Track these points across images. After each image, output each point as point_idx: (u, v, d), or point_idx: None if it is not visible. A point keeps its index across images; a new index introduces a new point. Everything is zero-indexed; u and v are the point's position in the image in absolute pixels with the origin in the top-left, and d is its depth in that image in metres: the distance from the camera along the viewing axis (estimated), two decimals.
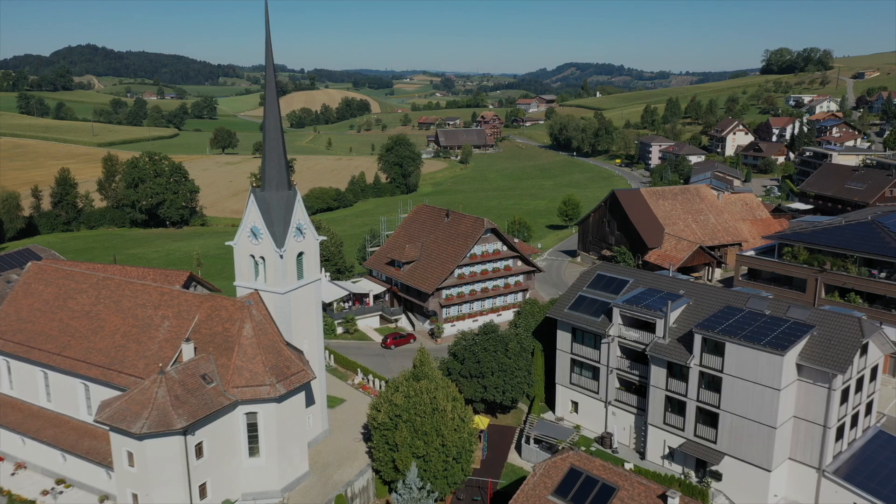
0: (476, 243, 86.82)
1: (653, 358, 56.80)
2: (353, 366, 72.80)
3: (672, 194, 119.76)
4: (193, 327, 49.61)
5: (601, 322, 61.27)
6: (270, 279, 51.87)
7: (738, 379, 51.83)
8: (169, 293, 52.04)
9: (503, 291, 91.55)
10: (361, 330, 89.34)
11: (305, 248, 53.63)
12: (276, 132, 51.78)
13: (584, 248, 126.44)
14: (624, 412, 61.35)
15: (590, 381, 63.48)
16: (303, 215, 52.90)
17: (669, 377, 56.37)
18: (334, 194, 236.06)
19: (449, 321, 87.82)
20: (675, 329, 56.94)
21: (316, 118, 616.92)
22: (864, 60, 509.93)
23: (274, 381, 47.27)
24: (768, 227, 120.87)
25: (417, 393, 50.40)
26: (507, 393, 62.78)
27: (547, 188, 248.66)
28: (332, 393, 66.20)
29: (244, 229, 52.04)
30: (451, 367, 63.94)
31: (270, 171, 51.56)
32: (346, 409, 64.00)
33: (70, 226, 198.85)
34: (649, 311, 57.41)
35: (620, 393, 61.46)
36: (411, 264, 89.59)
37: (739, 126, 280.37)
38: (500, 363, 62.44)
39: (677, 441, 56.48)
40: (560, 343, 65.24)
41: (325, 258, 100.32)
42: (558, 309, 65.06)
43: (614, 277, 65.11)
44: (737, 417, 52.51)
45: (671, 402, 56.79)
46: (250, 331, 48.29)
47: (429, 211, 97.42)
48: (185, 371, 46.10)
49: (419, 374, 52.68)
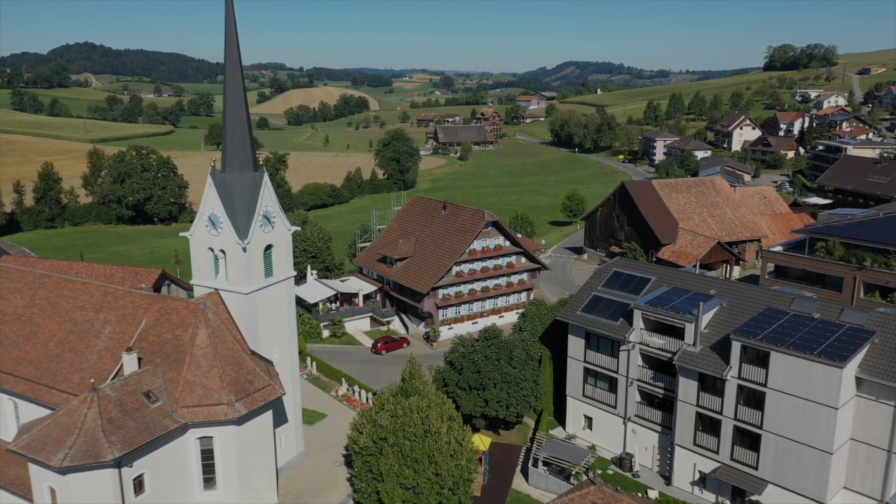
0: (476, 238, 78.83)
1: (681, 368, 48.86)
2: (339, 374, 64.88)
3: (686, 187, 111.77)
4: (139, 334, 41.70)
5: (620, 326, 53.33)
6: (232, 277, 43.86)
7: (786, 394, 43.89)
8: (113, 293, 44.07)
9: (505, 291, 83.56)
10: (350, 333, 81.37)
11: (275, 241, 45.66)
12: (239, 102, 43.78)
13: (591, 244, 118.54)
14: (646, 430, 53.36)
15: (606, 393, 55.52)
16: (271, 201, 44.91)
17: (701, 391, 48.40)
18: (329, 190, 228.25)
19: (446, 324, 79.91)
20: (707, 335, 49.02)
21: (314, 115, 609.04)
22: (867, 57, 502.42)
23: (232, 400, 39.29)
24: (788, 222, 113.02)
25: (406, 412, 42.42)
26: (511, 408, 54.77)
27: (548, 184, 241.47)
28: (311, 406, 58.31)
29: (201, 217, 44.06)
30: (448, 377, 55.96)
31: (232, 148, 43.57)
32: (328, 426, 56.05)
33: (54, 222, 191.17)
34: (677, 313, 49.44)
35: (642, 408, 53.48)
36: (405, 261, 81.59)
37: (746, 121, 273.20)
38: (503, 373, 54.48)
39: (710, 465, 48.54)
40: (572, 350, 57.30)
41: (312, 255, 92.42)
42: (570, 311, 57.09)
43: (633, 275, 57.12)
44: (783, 440, 44.57)
45: (703, 419, 48.84)
46: (205, 338, 40.32)
47: (424, 203, 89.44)
48: (123, 388, 38.14)
49: (408, 388, 44.64)
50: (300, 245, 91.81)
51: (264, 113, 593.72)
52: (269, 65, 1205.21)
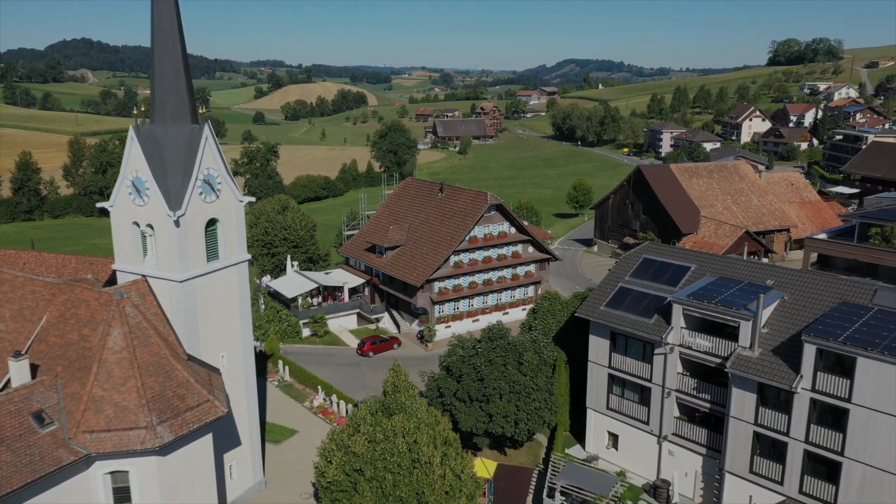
0: (477, 223, 69.04)
1: (735, 377, 39.05)
2: (315, 381, 55.00)
3: (707, 172, 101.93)
4: (38, 333, 31.86)
5: (654, 324, 43.52)
6: (163, 259, 33.94)
7: (876, 412, 34.14)
8: (11, 280, 34.22)
9: (511, 284, 73.74)
10: (333, 332, 71.52)
11: (221, 214, 35.75)
12: (172, 29, 33.77)
13: (602, 235, 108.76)
14: (686, 452, 43.55)
15: (636, 405, 45.73)
16: (215, 162, 34.97)
17: (761, 405, 38.58)
18: (323, 182, 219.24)
19: (443, 321, 70.12)
20: (767, 336, 39.24)
21: (311, 111, 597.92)
22: (873, 52, 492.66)
23: (154, 422, 29.47)
24: (818, 210, 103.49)
25: (388, 436, 32.57)
26: (521, 424, 44.90)
27: (551, 177, 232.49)
28: (280, 420, 48.55)
29: (123, 182, 34.11)
30: (444, 386, 46.10)
31: (163, 91, 33.62)
32: (297, 446, 46.22)
33: (32, 214, 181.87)
34: (729, 308, 39.59)
35: (682, 424, 43.70)
36: (396, 250, 71.77)
37: (756, 112, 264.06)
38: (511, 382, 44.67)
39: (772, 498, 38.70)
40: (594, 353, 47.50)
41: (294, 244, 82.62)
42: (592, 306, 47.23)
43: (669, 263, 47.27)
44: (872, 470, 34.77)
45: (762, 441, 39.04)
46: (120, 340, 30.48)
47: (418, 186, 79.56)
48: (5, 406, 28.33)
49: (391, 404, 34.70)
50: (280, 233, 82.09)
51: (261, 108, 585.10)
52: (268, 62, 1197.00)
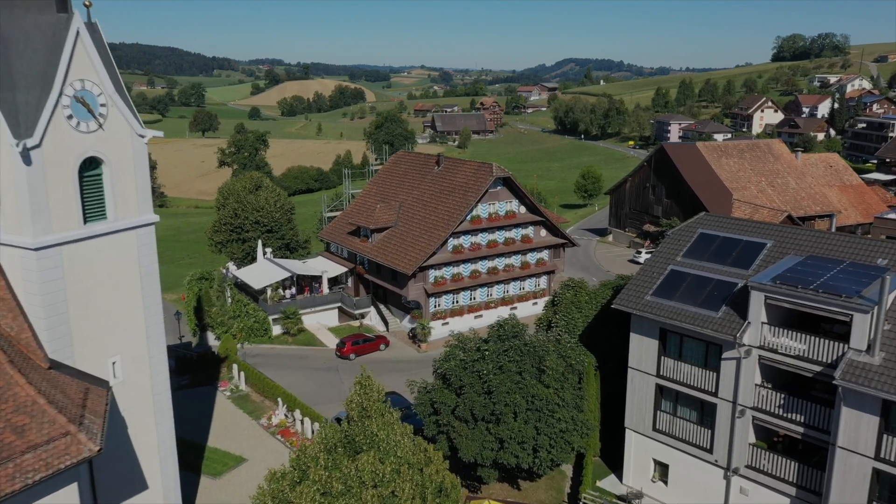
0: (480, 200, 57.81)
1: (848, 393, 27.89)
2: (275, 391, 43.71)
3: (738, 151, 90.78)
4: None
5: (722, 319, 32.26)
6: (9, 215, 22.60)
7: None
8: None
9: (520, 274, 62.53)
10: (310, 330, 60.30)
11: (108, 153, 24.30)
12: None
13: (618, 223, 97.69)
14: (767, 490, 32.31)
15: (695, 427, 34.52)
16: (97, 74, 23.66)
17: (885, 433, 27.50)
18: (315, 174, 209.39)
19: (440, 317, 58.92)
20: (890, 335, 28.13)
21: (308, 106, 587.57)
22: (879, 47, 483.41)
23: None
24: (862, 195, 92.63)
25: (351, 486, 21.21)
26: (542, 452, 33.57)
27: (554, 170, 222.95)
28: (225, 444, 37.34)
29: None
30: (439, 400, 34.76)
31: None
32: (243, 480, 34.90)
33: None
34: (837, 296, 28.41)
35: (760, 454, 32.46)
36: (384, 232, 60.58)
37: (768, 103, 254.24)
38: (530, 396, 33.40)
39: None
40: (636, 357, 36.25)
41: (268, 228, 71.40)
42: (633, 295, 35.93)
43: (736, 238, 35.98)
44: None
45: (883, 481, 27.93)
46: None
47: (412, 158, 68.36)
48: None
49: (357, 436, 23.25)
50: (252, 216, 70.90)
51: (258, 104, 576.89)
52: (267, 60, 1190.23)
